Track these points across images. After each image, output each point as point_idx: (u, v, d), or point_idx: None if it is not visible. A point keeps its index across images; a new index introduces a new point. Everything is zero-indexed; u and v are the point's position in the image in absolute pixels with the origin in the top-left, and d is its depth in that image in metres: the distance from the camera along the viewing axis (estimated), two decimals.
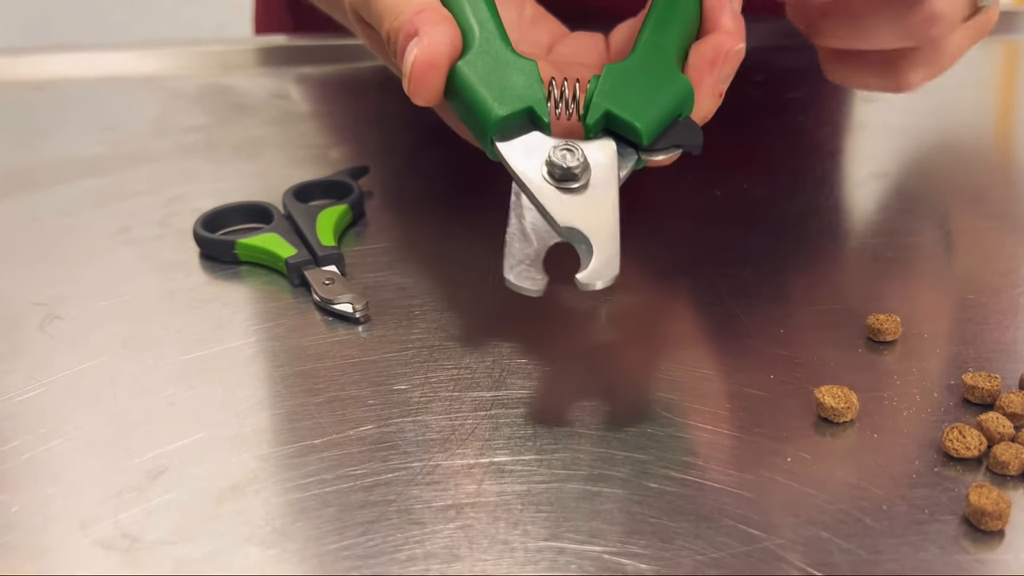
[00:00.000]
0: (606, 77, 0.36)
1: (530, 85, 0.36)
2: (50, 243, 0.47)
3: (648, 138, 0.36)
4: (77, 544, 0.30)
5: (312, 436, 0.34)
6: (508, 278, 0.33)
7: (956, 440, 0.33)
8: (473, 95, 0.36)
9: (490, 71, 0.36)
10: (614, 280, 0.33)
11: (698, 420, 0.35)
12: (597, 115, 0.36)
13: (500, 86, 0.36)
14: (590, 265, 0.33)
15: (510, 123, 0.36)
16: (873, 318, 0.39)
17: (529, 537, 0.30)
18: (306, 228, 0.45)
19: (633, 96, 0.36)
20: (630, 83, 0.36)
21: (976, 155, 0.57)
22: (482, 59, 0.36)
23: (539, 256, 0.34)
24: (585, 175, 0.35)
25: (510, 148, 0.35)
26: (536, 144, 0.35)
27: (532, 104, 0.35)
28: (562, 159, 0.35)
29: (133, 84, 0.65)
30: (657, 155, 0.36)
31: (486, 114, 0.35)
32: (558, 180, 0.35)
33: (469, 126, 0.37)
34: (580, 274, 0.33)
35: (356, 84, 0.65)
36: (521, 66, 0.36)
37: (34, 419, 0.35)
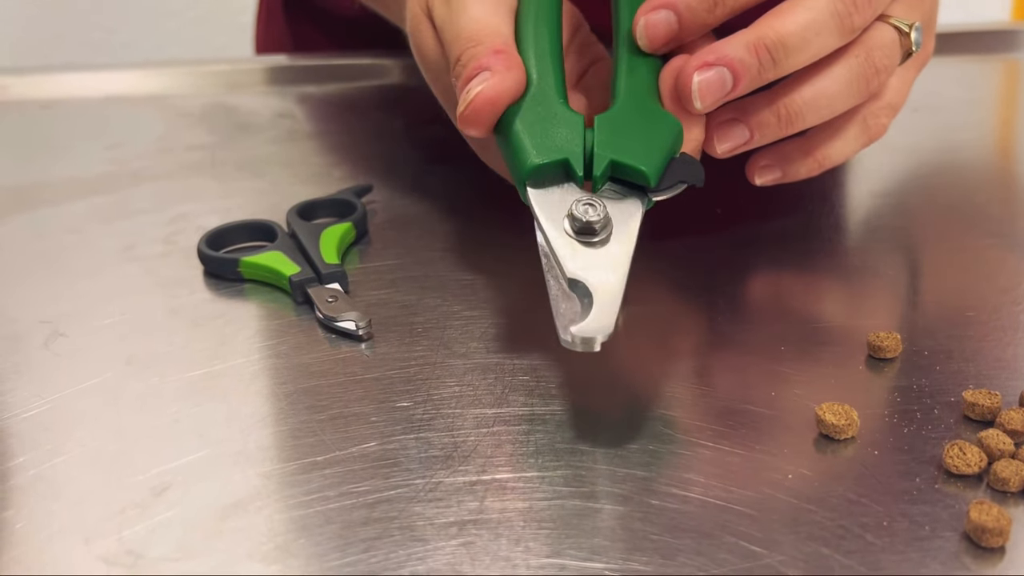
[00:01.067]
0: (600, 128, 0.38)
1: (571, 139, 0.37)
2: (55, 260, 0.47)
3: (655, 179, 0.37)
4: (81, 560, 0.30)
5: (315, 453, 0.34)
6: (565, 339, 0.34)
7: (956, 457, 0.33)
8: (516, 139, 0.37)
9: (538, 120, 0.38)
10: (608, 337, 0.33)
11: (699, 437, 0.35)
12: (603, 166, 0.37)
13: (543, 135, 0.37)
14: (587, 320, 0.33)
15: (545, 172, 0.37)
16: (874, 335, 0.39)
17: (531, 554, 0.30)
18: (310, 246, 0.45)
19: (630, 142, 0.37)
20: (623, 130, 0.38)
21: (976, 173, 0.57)
22: (534, 107, 0.38)
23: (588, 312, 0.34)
24: (605, 230, 0.36)
25: (539, 196, 0.37)
26: (565, 195, 0.37)
27: (568, 156, 0.37)
28: (583, 213, 0.36)
29: (138, 103, 0.65)
30: (663, 194, 0.37)
31: (524, 160, 0.37)
32: (577, 233, 0.36)
33: (508, 166, 0.38)
34: (574, 326, 0.33)
35: (360, 103, 0.66)
36: (568, 119, 0.38)
37: (39, 436, 0.36)
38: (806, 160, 0.44)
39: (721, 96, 0.38)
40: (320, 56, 0.69)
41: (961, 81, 0.47)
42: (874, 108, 0.44)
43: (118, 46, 1.46)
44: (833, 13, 0.38)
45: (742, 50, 0.37)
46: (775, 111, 0.40)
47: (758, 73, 0.38)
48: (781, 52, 0.38)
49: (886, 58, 0.41)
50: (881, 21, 0.41)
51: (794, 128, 0.41)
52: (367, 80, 0.67)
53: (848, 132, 0.44)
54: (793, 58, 0.38)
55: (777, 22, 0.38)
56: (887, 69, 0.41)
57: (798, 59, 0.38)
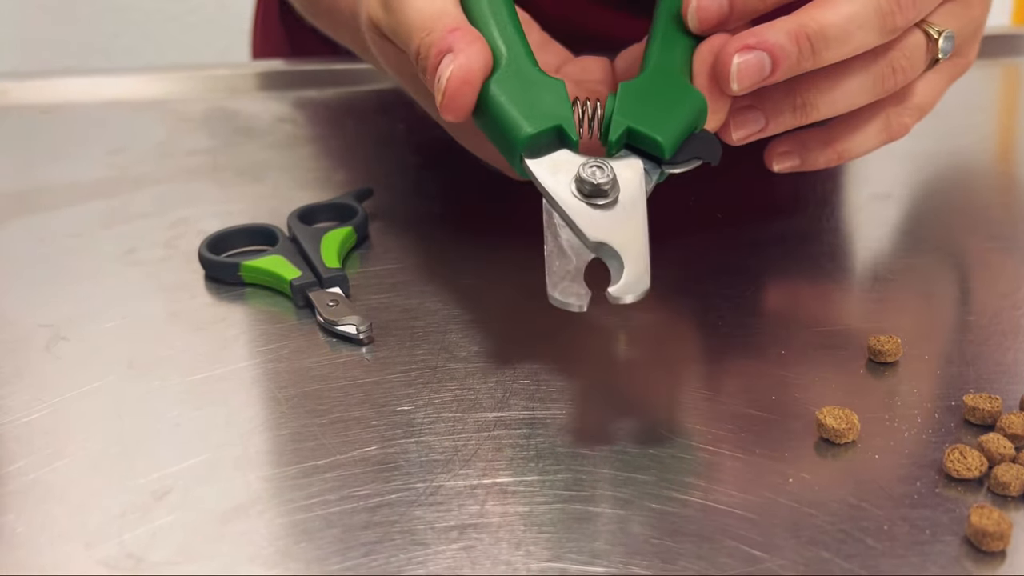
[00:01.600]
0: (622, 95, 0.37)
1: (559, 104, 0.37)
2: (56, 265, 0.47)
3: (670, 152, 0.36)
4: (82, 564, 0.30)
5: (316, 457, 0.34)
6: (553, 295, 0.34)
7: (957, 461, 0.33)
8: (503, 113, 0.36)
9: (519, 90, 0.37)
10: (644, 294, 0.34)
11: (700, 441, 0.35)
12: (619, 132, 0.36)
13: (529, 104, 0.36)
14: (621, 279, 0.34)
15: (539, 141, 0.36)
16: (874, 339, 0.39)
17: (532, 558, 0.30)
18: (310, 250, 0.45)
19: (651, 111, 0.37)
20: (646, 99, 0.37)
21: (977, 177, 0.57)
22: (511, 78, 0.37)
23: (580, 272, 0.35)
24: (614, 192, 0.36)
25: (539, 165, 0.36)
26: (565, 161, 0.36)
27: (561, 122, 0.36)
28: (592, 175, 0.35)
29: (139, 108, 0.66)
30: (678, 168, 0.37)
31: (516, 132, 0.36)
32: (587, 196, 0.35)
33: (498, 144, 0.37)
34: (612, 288, 0.34)
35: (360, 107, 0.66)
36: (550, 85, 0.37)
37: (39, 440, 0.36)
38: (825, 150, 0.44)
39: (759, 80, 0.37)
40: (320, 61, 0.69)
41: (961, 85, 0.47)
42: (899, 108, 0.44)
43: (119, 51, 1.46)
44: (877, 10, 0.38)
45: (783, 37, 0.37)
46: (791, 101, 0.40)
47: (797, 61, 0.38)
48: (821, 43, 0.38)
49: (906, 60, 0.41)
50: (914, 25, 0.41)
51: (808, 119, 0.41)
52: (368, 84, 0.67)
53: (869, 128, 0.44)
54: (833, 50, 0.38)
55: (820, 12, 0.38)
56: (905, 71, 0.41)
57: (838, 52, 0.38)
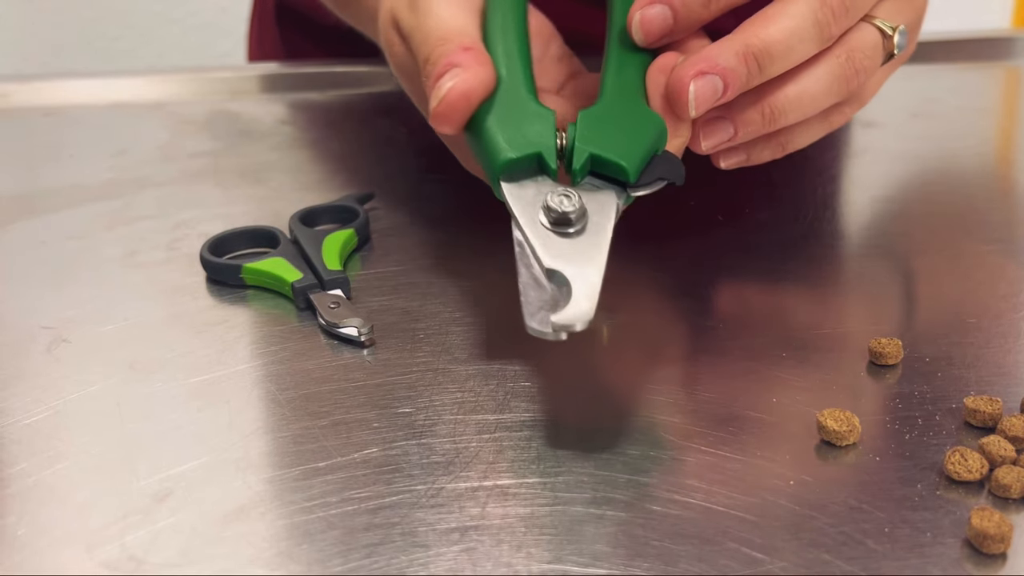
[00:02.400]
0: (582, 122, 0.38)
1: (543, 133, 0.37)
2: (58, 267, 0.47)
3: (634, 175, 0.37)
4: (83, 566, 0.30)
5: (317, 459, 0.34)
6: (531, 325, 0.34)
7: (958, 463, 0.33)
8: (488, 135, 0.37)
9: (508, 115, 0.38)
10: (586, 325, 0.33)
11: (701, 443, 0.35)
12: (582, 159, 0.37)
13: (515, 130, 0.37)
14: (566, 308, 0.33)
15: (519, 166, 0.37)
16: (875, 341, 0.39)
17: (533, 560, 0.30)
18: (312, 252, 0.45)
19: (612, 137, 0.37)
20: (606, 125, 0.38)
21: (977, 180, 0.57)
22: (504, 102, 0.38)
23: (556, 301, 0.34)
24: (581, 221, 0.36)
25: (514, 190, 0.37)
26: (540, 189, 0.37)
27: (541, 150, 0.37)
28: (559, 204, 0.36)
29: (141, 110, 0.66)
30: (643, 190, 0.38)
31: (497, 155, 0.37)
32: (553, 224, 0.36)
33: (481, 164, 0.38)
34: (555, 315, 0.33)
35: (362, 110, 0.66)
36: (539, 114, 0.38)
37: (41, 442, 0.36)
38: (769, 143, 0.44)
39: (712, 102, 0.39)
40: (322, 63, 0.69)
41: (961, 88, 0.47)
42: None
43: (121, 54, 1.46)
44: (815, 22, 0.39)
45: (732, 59, 0.38)
46: (759, 109, 0.41)
47: (746, 80, 0.39)
48: (767, 59, 0.39)
49: (867, 59, 0.42)
50: (865, 22, 0.42)
51: (777, 125, 0.41)
52: (369, 87, 0.67)
53: (812, 120, 0.44)
54: (777, 65, 0.39)
55: (763, 30, 0.39)
56: (867, 70, 0.42)
57: (781, 65, 0.39)
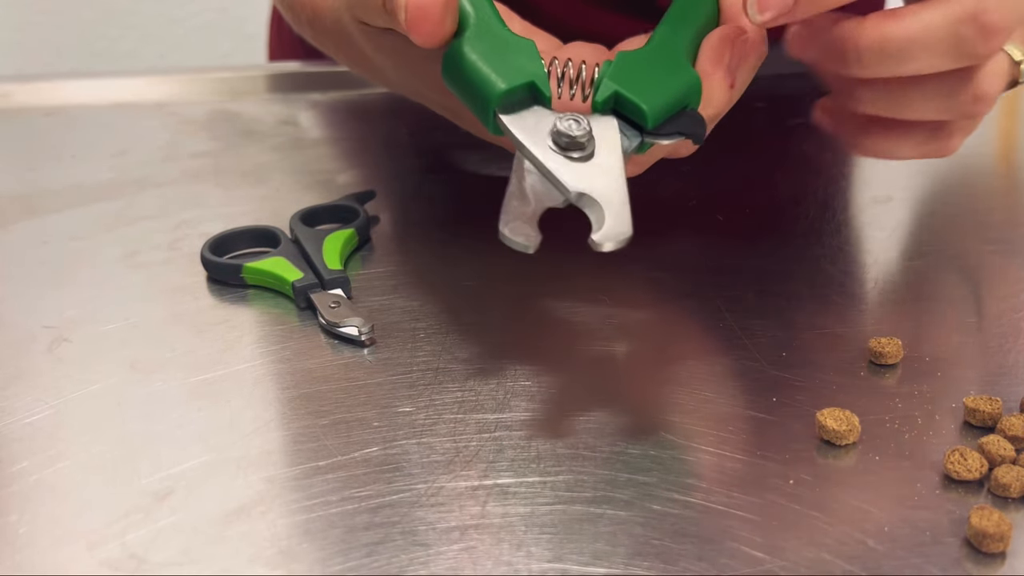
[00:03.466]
0: (618, 62, 0.38)
1: (531, 61, 0.37)
2: (59, 267, 0.47)
3: (653, 121, 0.37)
4: (84, 565, 0.31)
5: (318, 458, 0.34)
6: (504, 232, 0.34)
7: (957, 463, 0.33)
8: (475, 71, 0.36)
9: (490, 49, 0.37)
10: (627, 241, 0.34)
11: (701, 442, 0.35)
12: (606, 94, 0.37)
13: (501, 62, 0.36)
14: (604, 227, 0.34)
15: (512, 98, 0.36)
16: (875, 341, 0.39)
17: (533, 559, 0.30)
18: (312, 252, 0.45)
19: (642, 81, 0.37)
20: (640, 69, 0.37)
21: (978, 180, 0.57)
22: (481, 38, 0.37)
23: (535, 215, 0.35)
24: (590, 145, 0.36)
25: (514, 120, 0.36)
26: (540, 117, 0.36)
27: (534, 79, 0.36)
28: (568, 128, 0.36)
29: (142, 110, 0.66)
30: (658, 139, 0.37)
31: (489, 88, 0.36)
32: (563, 149, 0.36)
33: (470, 104, 0.37)
34: (595, 234, 0.34)
35: (363, 110, 0.66)
36: (520, 45, 0.37)
37: (42, 441, 0.36)
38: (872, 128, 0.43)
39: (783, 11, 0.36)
40: (323, 63, 0.69)
41: None
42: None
43: (122, 54, 1.46)
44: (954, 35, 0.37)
45: None
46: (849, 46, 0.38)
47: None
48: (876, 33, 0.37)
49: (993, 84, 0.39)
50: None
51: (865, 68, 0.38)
52: (370, 87, 0.67)
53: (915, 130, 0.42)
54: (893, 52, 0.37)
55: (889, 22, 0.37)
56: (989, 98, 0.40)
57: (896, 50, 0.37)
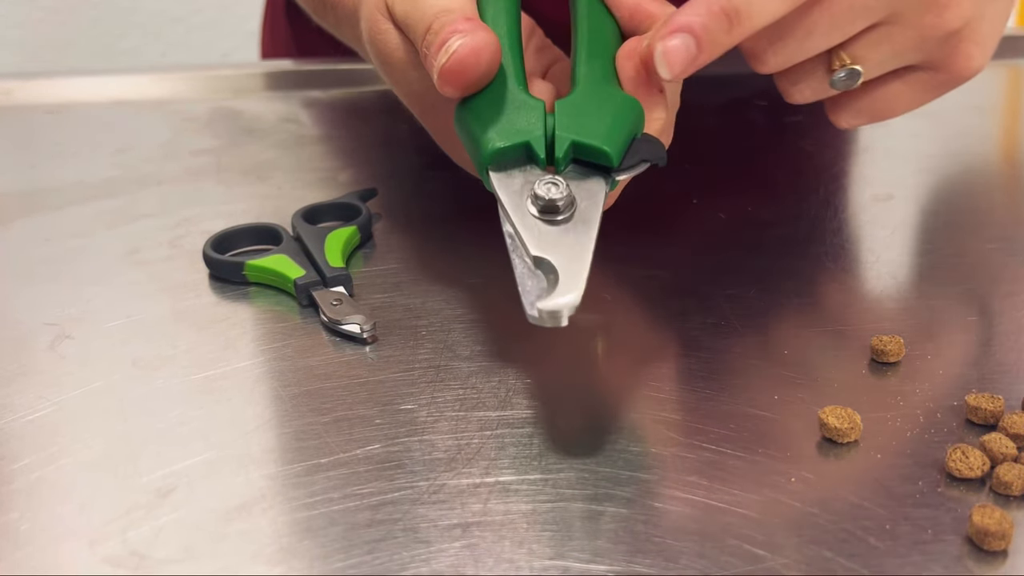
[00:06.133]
0: (560, 111, 0.38)
1: (532, 123, 0.37)
2: (61, 264, 0.47)
3: (617, 158, 0.37)
4: (86, 562, 0.31)
5: (319, 455, 0.35)
6: (532, 314, 0.34)
7: (959, 460, 0.33)
8: (477, 124, 0.37)
9: (497, 105, 0.38)
10: (573, 310, 0.33)
11: (702, 440, 0.35)
12: (564, 147, 0.37)
13: (504, 120, 0.37)
14: (553, 295, 0.33)
15: (507, 156, 0.37)
16: (877, 339, 0.39)
17: (534, 556, 0.30)
18: (314, 249, 0.45)
19: (591, 123, 0.37)
20: (583, 112, 0.38)
21: (979, 178, 0.57)
22: (494, 91, 0.38)
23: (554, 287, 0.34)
24: (569, 209, 0.36)
25: (502, 179, 0.37)
26: (528, 178, 0.37)
27: (530, 140, 0.37)
28: (546, 191, 0.36)
29: (144, 108, 0.66)
30: (626, 173, 0.38)
31: (485, 144, 0.37)
32: (541, 212, 0.36)
33: (471, 155, 0.38)
34: (539, 302, 0.33)
35: (365, 108, 0.66)
36: (528, 104, 0.38)
37: (44, 438, 0.36)
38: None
39: (688, 62, 0.37)
40: (325, 61, 0.69)
41: (964, 87, 0.47)
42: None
43: (123, 52, 1.46)
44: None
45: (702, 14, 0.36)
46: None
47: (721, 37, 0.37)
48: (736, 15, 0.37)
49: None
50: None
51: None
52: (372, 85, 0.67)
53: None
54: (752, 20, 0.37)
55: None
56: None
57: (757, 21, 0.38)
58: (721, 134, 0.41)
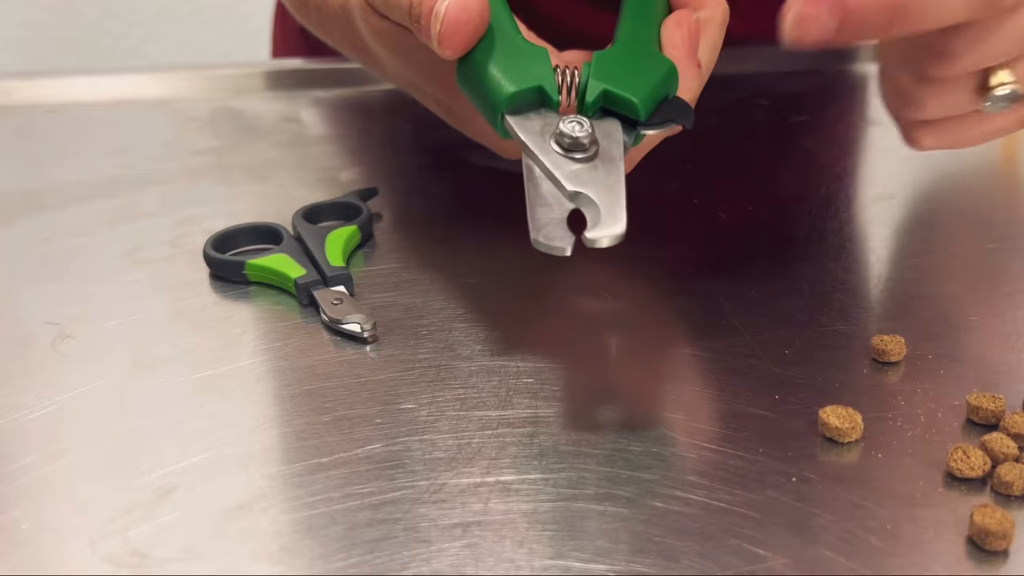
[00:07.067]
0: (597, 61, 0.38)
1: (541, 67, 0.38)
2: (62, 263, 0.47)
3: (645, 112, 0.37)
4: (87, 561, 0.31)
5: (320, 455, 0.34)
6: (538, 239, 0.35)
7: (960, 460, 0.33)
8: (486, 74, 0.37)
9: (502, 54, 0.38)
10: (620, 239, 0.34)
11: (703, 440, 0.35)
12: (595, 94, 0.37)
13: (512, 67, 0.38)
14: (598, 224, 0.34)
15: (520, 100, 0.37)
16: (878, 339, 0.39)
17: (535, 556, 0.30)
18: (315, 249, 0.45)
19: (625, 76, 0.38)
20: (620, 65, 0.38)
21: (980, 177, 0.57)
22: (495, 44, 0.38)
23: (563, 219, 0.36)
24: (592, 147, 0.36)
25: (520, 121, 0.37)
26: (545, 119, 0.37)
27: (542, 83, 0.37)
28: (571, 130, 0.36)
29: (145, 107, 0.66)
30: (652, 129, 0.38)
31: (498, 91, 0.37)
32: (567, 150, 0.36)
33: (481, 107, 0.38)
34: (588, 232, 0.34)
35: (366, 107, 0.66)
36: (532, 51, 0.38)
37: (45, 437, 0.36)
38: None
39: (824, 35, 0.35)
40: (326, 60, 0.69)
41: None
42: None
43: (125, 51, 1.46)
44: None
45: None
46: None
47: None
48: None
49: None
50: None
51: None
52: (373, 84, 0.67)
53: None
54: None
55: None
56: None
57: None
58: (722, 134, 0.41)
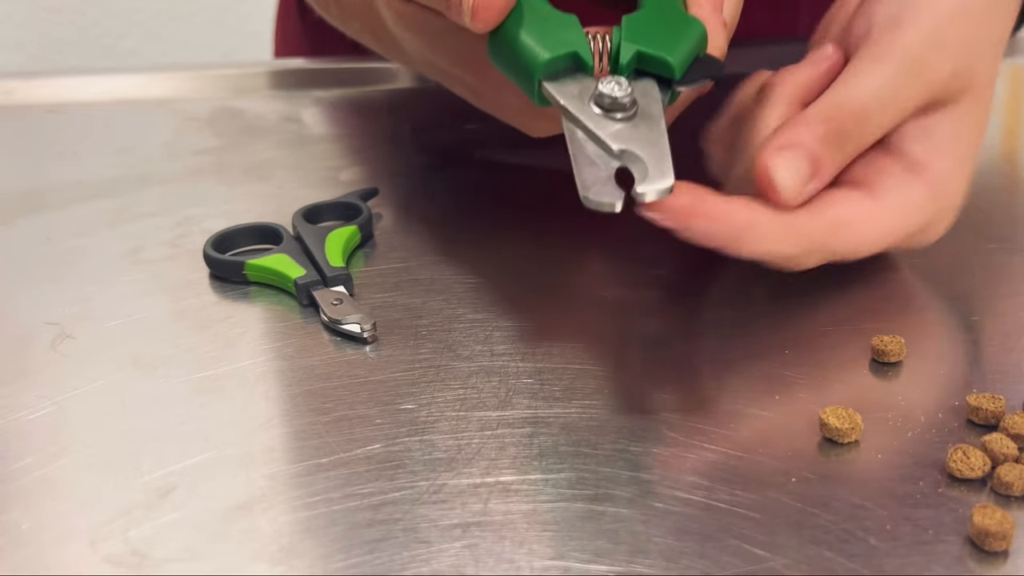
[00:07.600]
0: (627, 25, 0.39)
1: (573, 32, 0.38)
2: (62, 263, 0.47)
3: (680, 71, 0.38)
4: (87, 561, 0.31)
5: (320, 455, 0.35)
6: (588, 196, 0.35)
7: (960, 461, 0.33)
8: (520, 43, 0.38)
9: (534, 24, 0.38)
10: (668, 193, 0.35)
11: (703, 440, 0.35)
12: (629, 56, 0.38)
13: (545, 35, 0.38)
14: (647, 178, 0.35)
15: (556, 67, 0.38)
16: (878, 339, 0.39)
17: (535, 556, 0.30)
18: (315, 249, 0.45)
19: (657, 36, 0.38)
20: (650, 27, 0.39)
21: (981, 177, 0.57)
22: (525, 15, 0.39)
23: (610, 177, 0.36)
24: (632, 107, 0.37)
25: (558, 87, 0.37)
26: (583, 83, 0.38)
27: (577, 48, 0.38)
28: (611, 90, 0.37)
29: (145, 107, 0.66)
30: (687, 86, 0.39)
31: (533, 59, 0.37)
32: (607, 110, 0.37)
33: (515, 77, 0.39)
34: (638, 186, 0.35)
35: (366, 107, 0.66)
36: (563, 19, 0.39)
37: (45, 437, 0.36)
38: None
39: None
40: (327, 60, 0.69)
41: None
42: None
43: (125, 51, 1.46)
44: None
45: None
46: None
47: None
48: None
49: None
50: None
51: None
52: (374, 84, 0.67)
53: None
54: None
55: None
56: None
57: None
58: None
